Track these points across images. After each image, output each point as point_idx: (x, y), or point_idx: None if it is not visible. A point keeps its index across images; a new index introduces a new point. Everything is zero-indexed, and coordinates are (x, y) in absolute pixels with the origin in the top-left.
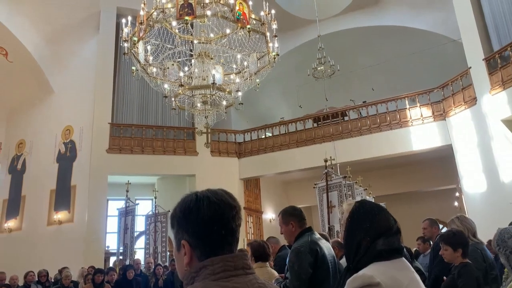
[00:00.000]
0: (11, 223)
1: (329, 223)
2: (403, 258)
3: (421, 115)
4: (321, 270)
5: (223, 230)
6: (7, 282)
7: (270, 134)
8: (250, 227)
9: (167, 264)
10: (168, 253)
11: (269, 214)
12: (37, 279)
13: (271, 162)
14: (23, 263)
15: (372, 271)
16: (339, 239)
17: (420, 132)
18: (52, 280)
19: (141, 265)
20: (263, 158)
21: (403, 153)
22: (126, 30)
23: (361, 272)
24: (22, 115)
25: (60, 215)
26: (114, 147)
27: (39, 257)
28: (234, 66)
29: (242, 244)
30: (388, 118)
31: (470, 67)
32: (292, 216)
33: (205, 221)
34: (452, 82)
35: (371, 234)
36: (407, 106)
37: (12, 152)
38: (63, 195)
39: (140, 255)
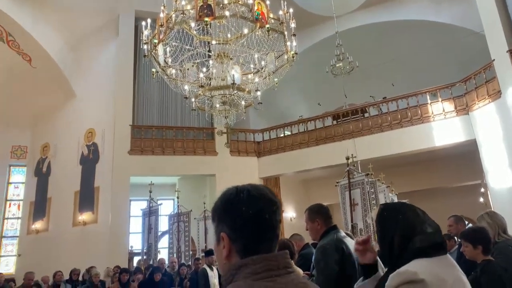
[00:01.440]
0: (38, 225)
1: (352, 221)
2: (448, 255)
3: (443, 110)
4: (347, 267)
5: (262, 224)
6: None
7: (289, 133)
8: None
9: (190, 263)
10: (191, 253)
11: (290, 213)
12: (66, 278)
13: (290, 160)
14: (51, 263)
15: (415, 267)
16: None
17: (442, 128)
18: (80, 279)
19: (165, 265)
20: (282, 156)
21: (426, 149)
22: (146, 32)
23: (404, 268)
24: (46, 119)
25: (85, 216)
26: (136, 149)
27: (66, 257)
28: (252, 65)
29: None
30: (409, 114)
31: (494, 60)
32: (318, 214)
33: (244, 214)
34: (475, 75)
35: (401, 231)
36: (429, 101)
37: (37, 156)
38: (87, 197)
39: (164, 254)
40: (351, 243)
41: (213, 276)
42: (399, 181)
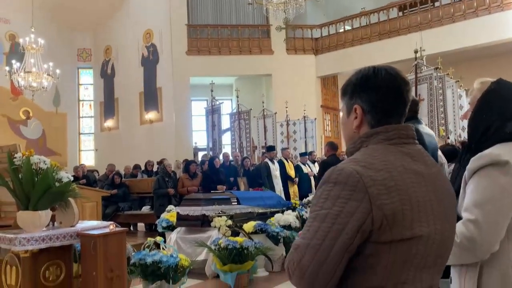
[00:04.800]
0: (109, 123)
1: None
2: None
3: None
4: None
5: (397, 99)
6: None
7: (350, 27)
8: (328, 125)
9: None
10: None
11: None
12: (143, 168)
13: (350, 57)
14: (124, 157)
15: (499, 150)
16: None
17: None
18: (154, 170)
19: (229, 158)
20: (341, 53)
21: (504, 40)
22: None
23: (487, 151)
24: (106, 22)
25: (151, 115)
26: (193, 49)
27: (137, 151)
28: None
29: (319, 141)
30: (487, 1)
31: None
32: None
33: (381, 88)
34: None
35: (505, 116)
36: None
37: (101, 58)
38: (151, 97)
39: (227, 149)
40: (427, 132)
41: (274, 169)
42: (469, 76)
